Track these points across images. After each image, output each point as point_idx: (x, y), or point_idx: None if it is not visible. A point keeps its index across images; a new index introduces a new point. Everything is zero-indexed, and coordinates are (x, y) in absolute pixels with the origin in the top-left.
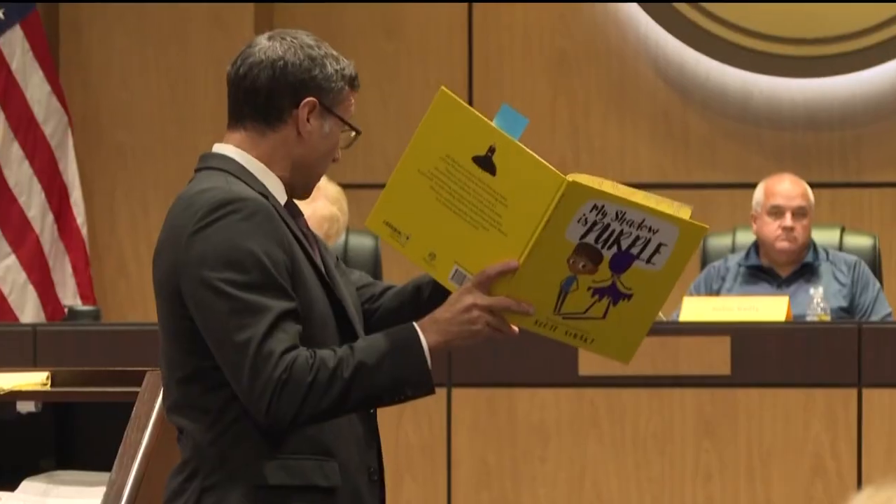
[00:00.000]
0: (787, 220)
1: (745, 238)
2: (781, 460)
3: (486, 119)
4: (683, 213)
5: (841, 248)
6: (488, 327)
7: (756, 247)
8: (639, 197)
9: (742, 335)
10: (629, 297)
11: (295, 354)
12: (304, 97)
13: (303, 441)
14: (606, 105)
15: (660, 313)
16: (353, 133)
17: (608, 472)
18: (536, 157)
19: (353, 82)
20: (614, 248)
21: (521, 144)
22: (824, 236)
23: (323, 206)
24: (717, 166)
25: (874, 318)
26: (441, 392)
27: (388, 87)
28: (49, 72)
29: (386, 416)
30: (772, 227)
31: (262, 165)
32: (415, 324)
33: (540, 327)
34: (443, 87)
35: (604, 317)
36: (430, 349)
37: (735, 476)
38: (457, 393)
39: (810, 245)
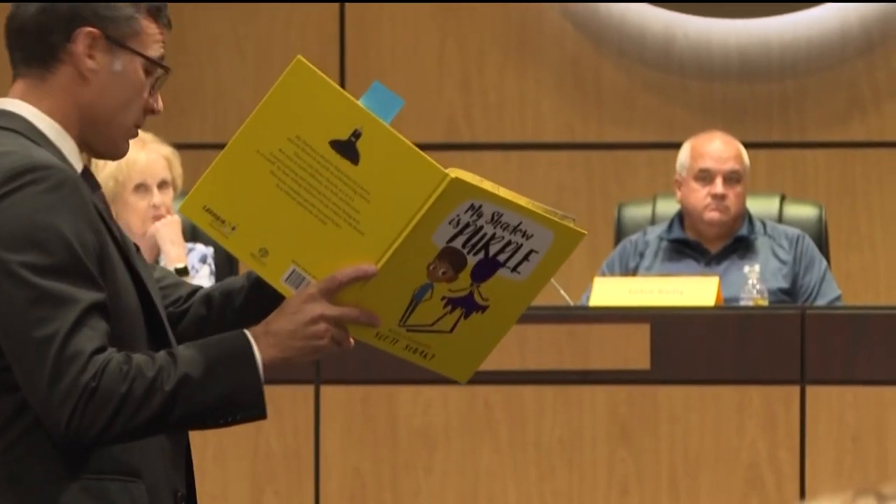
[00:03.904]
0: (718, 186)
1: (668, 207)
2: (711, 471)
3: (351, 97)
4: (567, 222)
5: (781, 219)
6: (332, 342)
7: (681, 217)
8: (522, 201)
9: (664, 323)
10: (484, 309)
11: (106, 358)
12: (77, 27)
13: (106, 459)
14: (504, 52)
15: (566, 297)
16: (160, 71)
17: (506, 485)
18: (412, 146)
19: (154, 12)
20: (481, 255)
21: (393, 130)
22: (761, 205)
23: (156, 147)
24: (634, 123)
25: (820, 301)
26: (308, 390)
27: (245, 32)
28: None
29: None
30: (699, 195)
31: (54, 123)
32: (248, 333)
33: (380, 340)
34: (299, 57)
35: (451, 330)
36: (264, 365)
37: (656, 489)
38: (326, 391)
39: (745, 216)
